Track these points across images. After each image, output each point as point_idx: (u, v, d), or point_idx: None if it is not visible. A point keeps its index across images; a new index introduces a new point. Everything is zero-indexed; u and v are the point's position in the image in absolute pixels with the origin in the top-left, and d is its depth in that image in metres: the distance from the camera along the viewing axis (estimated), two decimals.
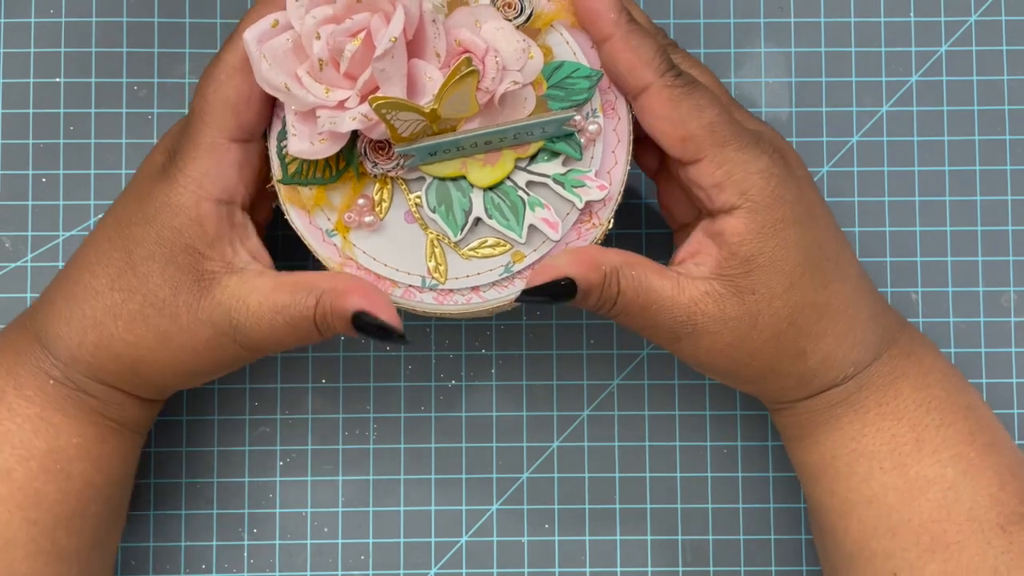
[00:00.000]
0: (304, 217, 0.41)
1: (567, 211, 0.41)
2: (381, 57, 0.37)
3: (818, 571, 0.49)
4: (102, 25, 0.50)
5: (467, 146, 0.40)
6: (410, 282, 0.41)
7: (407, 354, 0.50)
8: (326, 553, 0.49)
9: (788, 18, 0.51)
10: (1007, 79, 0.51)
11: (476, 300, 0.41)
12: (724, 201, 0.40)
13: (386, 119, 0.38)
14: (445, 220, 0.41)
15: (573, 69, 0.41)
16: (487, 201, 0.41)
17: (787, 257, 0.40)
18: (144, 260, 0.40)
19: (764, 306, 0.40)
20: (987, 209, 0.50)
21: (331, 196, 0.41)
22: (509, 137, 0.40)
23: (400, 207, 0.41)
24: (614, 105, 0.41)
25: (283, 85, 0.39)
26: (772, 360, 0.41)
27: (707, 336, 0.40)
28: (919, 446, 0.41)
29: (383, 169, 0.40)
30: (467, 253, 0.41)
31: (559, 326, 0.50)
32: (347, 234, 0.41)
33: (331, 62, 0.39)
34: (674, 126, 0.39)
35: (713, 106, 0.40)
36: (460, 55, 0.39)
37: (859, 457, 0.42)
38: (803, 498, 0.49)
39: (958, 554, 0.40)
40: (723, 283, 0.40)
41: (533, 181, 0.41)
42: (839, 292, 0.41)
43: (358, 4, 0.38)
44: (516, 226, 0.41)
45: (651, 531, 0.49)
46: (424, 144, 0.40)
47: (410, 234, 0.41)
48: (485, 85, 0.39)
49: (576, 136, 0.41)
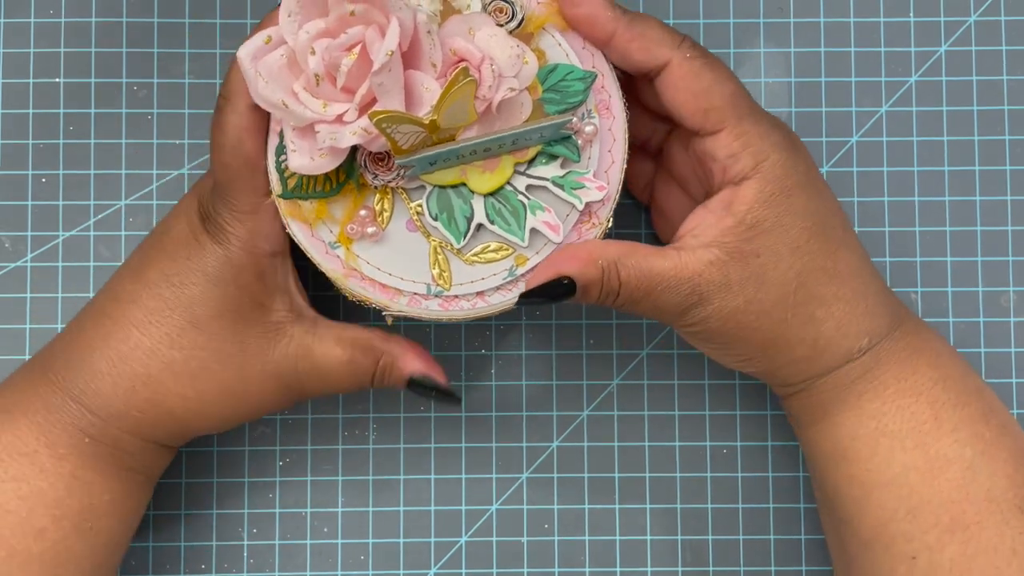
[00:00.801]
0: (306, 230, 0.41)
1: (567, 212, 0.41)
2: (379, 71, 0.37)
3: (818, 571, 0.49)
4: (102, 25, 0.50)
5: (466, 154, 0.40)
6: (415, 290, 0.41)
7: None
8: (326, 553, 0.49)
9: (788, 18, 0.51)
10: (1006, 79, 0.51)
11: (481, 305, 0.41)
12: (738, 171, 0.40)
13: (386, 133, 0.38)
14: (447, 227, 0.41)
15: (567, 72, 0.41)
16: (488, 207, 0.41)
17: (794, 222, 0.40)
18: (211, 319, 0.41)
19: (770, 268, 0.40)
20: (987, 209, 0.50)
21: (332, 209, 0.41)
22: (508, 143, 0.40)
23: (402, 216, 0.41)
24: (608, 104, 0.41)
25: (280, 102, 0.39)
26: (781, 324, 0.41)
27: (715, 301, 0.40)
28: (938, 424, 0.41)
29: (384, 180, 0.41)
30: (471, 259, 0.41)
31: (559, 326, 0.50)
32: (350, 245, 0.41)
33: (327, 77, 0.39)
34: (697, 97, 0.40)
35: (732, 78, 0.41)
36: (456, 64, 0.39)
37: (880, 436, 0.42)
38: (803, 497, 0.49)
39: (978, 535, 0.40)
40: (725, 249, 0.40)
41: (533, 185, 0.41)
42: (847, 260, 0.42)
43: (351, 17, 0.38)
44: (518, 230, 0.41)
45: (651, 531, 0.49)
46: (424, 155, 0.40)
47: (413, 242, 0.41)
48: (482, 93, 0.39)
49: (573, 138, 0.41)
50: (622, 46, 0.40)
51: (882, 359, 0.42)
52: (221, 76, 0.49)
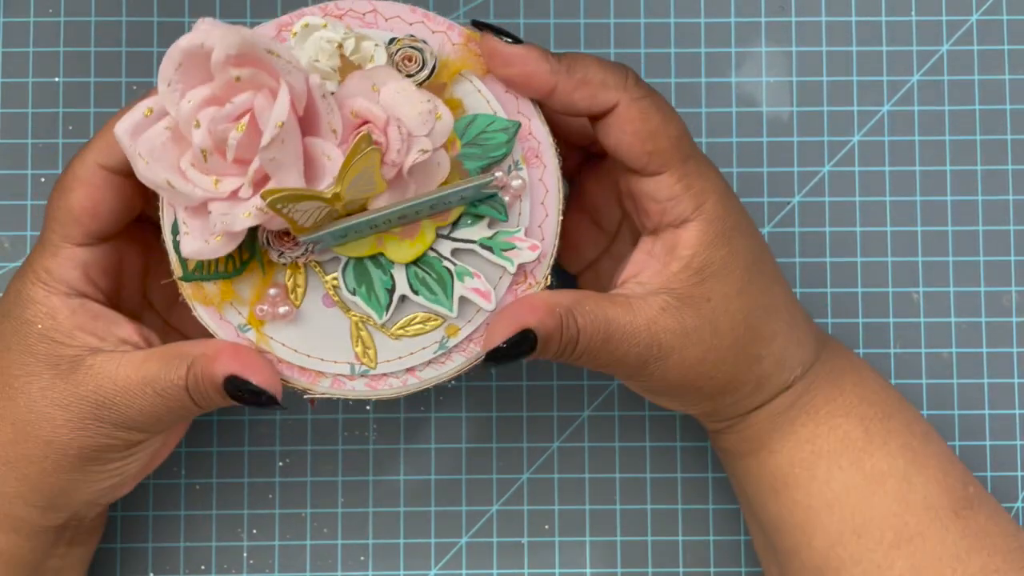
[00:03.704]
0: (213, 313, 0.38)
1: (499, 275, 0.38)
2: (268, 147, 0.33)
3: None
4: (101, 24, 0.50)
5: (380, 223, 0.36)
6: (338, 371, 0.38)
7: None
8: (326, 554, 0.49)
9: (789, 17, 0.51)
10: (1008, 78, 0.50)
11: (413, 381, 0.38)
12: (679, 213, 0.39)
13: (283, 214, 0.34)
14: (367, 302, 0.37)
15: (488, 123, 0.37)
16: (411, 276, 0.37)
17: (736, 263, 0.40)
18: (3, 351, 0.39)
19: (721, 312, 0.40)
20: (988, 209, 0.50)
21: (239, 289, 0.37)
22: (425, 209, 0.36)
23: (317, 291, 0.37)
24: (538, 152, 0.38)
25: (165, 182, 0.35)
26: (734, 369, 0.41)
27: (674, 354, 0.39)
28: (869, 439, 0.42)
29: (291, 257, 0.37)
30: (396, 332, 0.38)
31: None
32: (261, 327, 0.38)
33: (216, 150, 0.35)
34: (643, 140, 0.38)
35: (676, 118, 0.39)
36: (359, 128, 0.35)
37: (818, 459, 0.42)
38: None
39: (921, 546, 0.41)
40: (675, 295, 0.39)
41: (459, 248, 0.38)
42: (779, 294, 0.42)
43: (237, 83, 0.34)
44: (445, 300, 0.37)
45: (651, 531, 0.49)
46: (331, 230, 0.36)
47: (331, 319, 0.38)
48: (391, 159, 0.35)
49: (499, 196, 0.37)
50: (564, 98, 0.38)
51: (811, 385, 0.42)
52: None
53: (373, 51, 0.37)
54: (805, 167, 0.50)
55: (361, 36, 0.37)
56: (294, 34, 0.36)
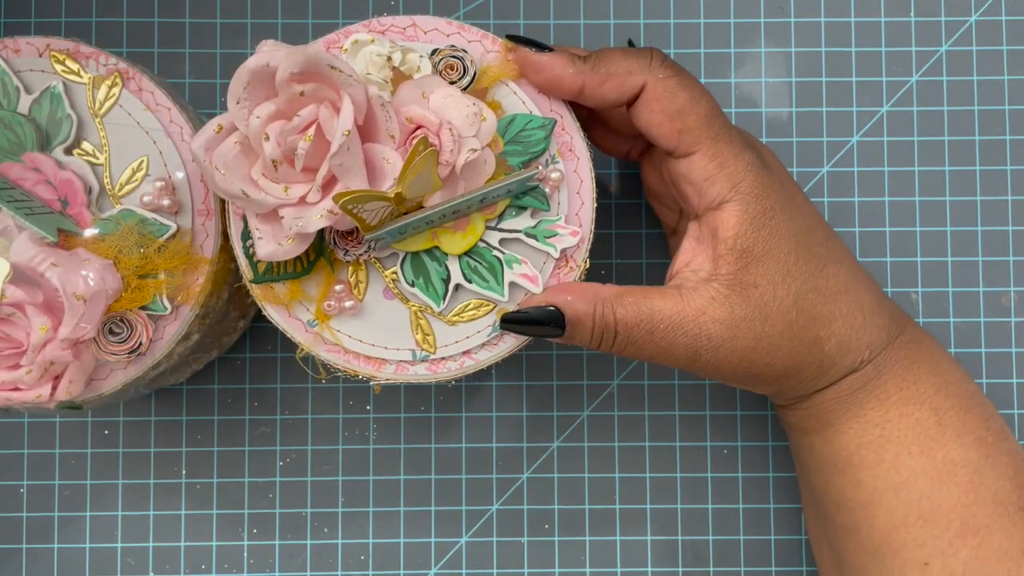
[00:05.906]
0: (283, 312, 0.41)
1: (544, 261, 0.41)
2: (337, 153, 0.36)
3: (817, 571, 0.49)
4: (102, 25, 0.50)
5: (435, 219, 0.40)
6: (400, 357, 0.41)
7: None
8: (326, 553, 0.49)
9: (788, 18, 0.51)
10: (1007, 79, 0.51)
11: (470, 363, 0.41)
12: (715, 195, 0.40)
13: (353, 214, 0.37)
14: (425, 292, 0.40)
15: (527, 121, 0.40)
16: (464, 266, 0.40)
17: (780, 245, 0.40)
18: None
19: (769, 297, 0.40)
20: (987, 209, 0.50)
21: (306, 287, 0.40)
22: (475, 203, 0.40)
23: (377, 285, 0.41)
24: (571, 146, 0.41)
25: (240, 191, 0.37)
26: (792, 355, 0.41)
27: (725, 344, 0.40)
28: (943, 430, 0.42)
29: (356, 255, 0.40)
30: (453, 319, 0.41)
31: None
32: (328, 321, 0.40)
33: (285, 160, 0.37)
34: (672, 118, 0.39)
35: (706, 95, 0.40)
36: (414, 132, 0.38)
37: (886, 443, 0.42)
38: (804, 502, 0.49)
39: (988, 538, 0.41)
40: (724, 283, 0.40)
41: (506, 238, 0.41)
42: (836, 274, 0.42)
43: (301, 98, 0.37)
44: (497, 286, 0.40)
45: (651, 531, 0.49)
46: (394, 227, 0.39)
47: (392, 310, 0.41)
48: (444, 159, 0.38)
49: (541, 187, 0.40)
50: (594, 93, 0.40)
51: (883, 369, 0.42)
52: (221, 76, 0.50)
53: (419, 62, 0.40)
54: (804, 167, 0.50)
55: (406, 49, 0.40)
56: (344, 50, 0.39)
